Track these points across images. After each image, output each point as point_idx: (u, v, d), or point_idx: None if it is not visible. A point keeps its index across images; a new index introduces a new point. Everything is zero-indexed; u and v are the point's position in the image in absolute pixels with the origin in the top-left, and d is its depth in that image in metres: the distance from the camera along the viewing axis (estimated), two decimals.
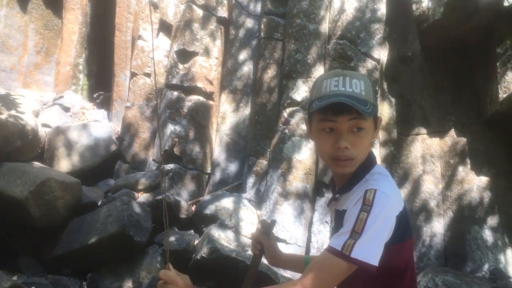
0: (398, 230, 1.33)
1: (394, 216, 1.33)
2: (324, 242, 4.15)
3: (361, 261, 1.27)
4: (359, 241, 1.28)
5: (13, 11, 7.62)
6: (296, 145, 4.51)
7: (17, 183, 4.06)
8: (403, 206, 1.37)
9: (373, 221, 1.29)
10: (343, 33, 4.55)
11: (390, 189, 1.36)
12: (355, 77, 1.36)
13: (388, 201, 1.32)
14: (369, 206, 1.30)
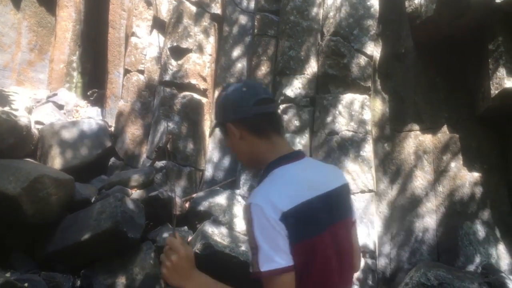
0: (291, 231, 1.34)
1: (278, 220, 1.33)
2: None
3: (273, 270, 1.31)
4: (260, 256, 1.32)
5: (6, 8, 7.59)
6: (290, 141, 4.52)
7: (10, 179, 4.04)
8: (288, 208, 1.36)
9: (259, 233, 1.33)
10: (336, 29, 4.56)
11: (264, 197, 1.38)
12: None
13: (262, 211, 1.34)
14: (251, 221, 1.35)
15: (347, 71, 4.45)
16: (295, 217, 1.36)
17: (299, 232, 1.36)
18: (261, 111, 1.53)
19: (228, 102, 1.59)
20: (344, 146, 4.30)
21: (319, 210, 1.43)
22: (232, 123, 1.55)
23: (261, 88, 1.59)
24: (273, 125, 1.56)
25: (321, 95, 4.55)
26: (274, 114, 1.58)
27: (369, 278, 3.94)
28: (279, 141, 1.56)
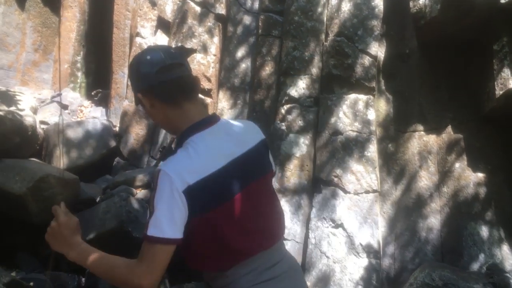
0: (193, 204, 1.39)
1: (181, 192, 1.38)
2: (321, 238, 4.17)
3: (156, 237, 1.36)
4: (152, 219, 1.38)
5: (11, 8, 7.62)
6: (294, 141, 4.53)
7: (16, 179, 4.07)
8: (195, 180, 1.40)
9: (159, 199, 1.38)
10: (340, 30, 4.57)
11: (174, 167, 1.41)
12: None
13: (169, 180, 1.38)
14: (155, 187, 1.40)
15: (351, 71, 4.46)
16: (201, 190, 1.40)
17: (203, 206, 1.41)
18: (167, 78, 1.50)
19: (133, 72, 1.60)
20: (348, 146, 4.30)
21: (229, 177, 1.47)
22: (141, 92, 1.55)
23: (167, 53, 1.55)
24: (182, 91, 1.53)
25: (325, 95, 4.56)
26: (183, 78, 1.54)
27: (373, 278, 3.95)
28: (191, 108, 1.55)
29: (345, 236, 4.10)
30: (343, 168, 4.26)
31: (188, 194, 1.39)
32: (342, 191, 4.23)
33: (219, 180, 1.45)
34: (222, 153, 1.49)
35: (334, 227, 4.16)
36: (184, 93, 1.54)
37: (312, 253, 4.19)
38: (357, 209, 4.15)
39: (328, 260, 4.07)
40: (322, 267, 4.08)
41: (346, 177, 4.23)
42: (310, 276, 4.12)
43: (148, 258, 1.42)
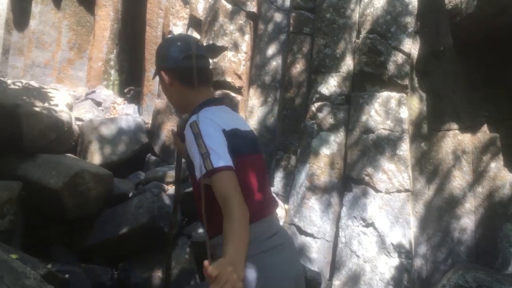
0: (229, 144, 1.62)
1: (220, 130, 1.63)
2: (351, 236, 4.14)
3: (224, 166, 1.53)
4: (212, 156, 1.54)
5: (48, 7, 7.83)
6: (324, 139, 4.51)
7: (52, 174, 4.18)
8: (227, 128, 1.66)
9: (208, 138, 1.57)
10: (373, 27, 4.51)
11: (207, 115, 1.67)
12: None
13: (208, 120, 1.63)
14: (198, 131, 1.59)
15: (383, 69, 4.40)
16: (233, 136, 1.66)
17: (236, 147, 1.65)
18: (190, 65, 1.76)
19: (162, 52, 1.85)
20: (380, 144, 4.25)
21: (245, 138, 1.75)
22: (164, 71, 1.83)
23: (195, 44, 1.82)
24: (200, 78, 1.80)
25: (357, 93, 4.52)
26: (203, 69, 1.82)
27: (405, 279, 3.90)
28: (204, 91, 1.83)
29: (376, 236, 4.06)
30: (375, 166, 4.22)
31: (226, 135, 1.63)
32: (373, 190, 4.19)
33: (244, 135, 1.74)
34: (236, 122, 1.77)
35: (365, 226, 4.12)
36: (201, 80, 1.81)
37: (342, 252, 4.17)
38: (389, 209, 4.10)
39: (358, 259, 4.04)
40: (352, 266, 4.05)
41: (378, 176, 4.18)
42: (340, 275, 4.10)
43: (227, 187, 1.53)
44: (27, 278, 2.85)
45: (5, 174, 4.26)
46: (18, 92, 4.65)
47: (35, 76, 7.63)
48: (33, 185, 4.15)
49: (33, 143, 4.34)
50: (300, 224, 4.36)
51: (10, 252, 3.54)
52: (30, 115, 4.33)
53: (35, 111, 4.39)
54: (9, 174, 4.24)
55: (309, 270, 3.83)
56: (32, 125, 4.31)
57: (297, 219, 4.40)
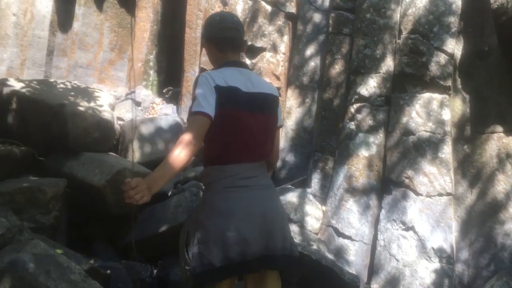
0: (219, 97, 2.04)
1: (213, 87, 2.06)
2: (391, 240, 4.09)
3: (198, 111, 1.99)
4: (195, 103, 2.03)
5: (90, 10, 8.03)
6: (363, 141, 4.46)
7: (96, 171, 4.29)
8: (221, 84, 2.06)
9: (200, 90, 2.04)
10: (414, 27, 4.43)
11: (209, 73, 2.13)
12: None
13: (206, 79, 2.07)
14: (196, 83, 2.08)
15: (425, 69, 4.32)
16: (223, 92, 2.05)
17: (223, 102, 2.03)
18: (224, 35, 2.22)
19: (206, 24, 2.35)
20: (421, 147, 4.18)
21: (241, 96, 2.10)
22: (205, 39, 2.32)
23: (230, 18, 2.29)
24: (231, 45, 2.24)
25: (397, 94, 4.45)
26: (234, 39, 2.25)
27: (445, 284, 3.82)
28: (231, 56, 2.25)
29: (416, 240, 3.99)
30: (415, 169, 4.15)
31: (217, 90, 2.05)
32: (414, 193, 4.12)
33: (237, 93, 2.10)
34: (240, 82, 2.14)
35: (405, 230, 4.05)
36: (230, 47, 2.25)
37: (381, 255, 4.12)
38: (430, 212, 4.02)
39: (397, 263, 3.98)
40: (391, 270, 4.00)
41: (418, 179, 4.11)
42: (379, 278, 4.05)
43: (190, 126, 2.02)
44: (73, 273, 2.94)
45: (51, 171, 4.40)
46: (64, 92, 4.80)
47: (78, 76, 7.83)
48: (77, 182, 4.26)
49: (77, 142, 4.47)
50: (338, 226, 4.33)
51: (55, 247, 3.66)
52: (75, 114, 4.45)
53: (80, 110, 4.52)
54: (55, 171, 4.37)
55: (347, 272, 3.80)
56: (77, 124, 4.43)
57: (335, 221, 4.37)
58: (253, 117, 2.11)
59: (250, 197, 2.08)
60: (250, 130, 2.09)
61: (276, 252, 2.05)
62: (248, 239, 1.99)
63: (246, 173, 2.09)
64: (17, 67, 7.92)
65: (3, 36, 8.05)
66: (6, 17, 8.04)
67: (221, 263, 1.96)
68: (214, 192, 2.11)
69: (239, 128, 2.08)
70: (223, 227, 1.99)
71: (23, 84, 4.60)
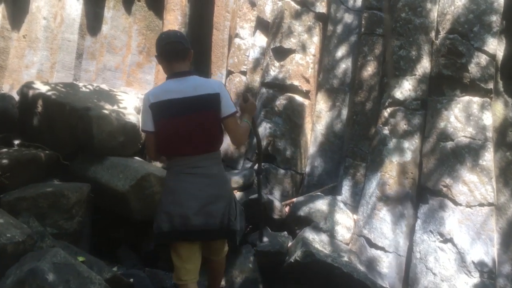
0: (153, 114, 2.59)
1: (147, 106, 2.61)
2: (427, 252, 3.85)
3: (142, 129, 2.69)
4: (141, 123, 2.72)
5: (119, 13, 8.03)
6: (398, 147, 4.24)
7: (120, 176, 4.21)
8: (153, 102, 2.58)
9: (142, 109, 2.68)
10: (453, 26, 4.18)
11: (148, 93, 2.67)
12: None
13: (145, 98, 2.64)
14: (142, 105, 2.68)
15: (464, 71, 4.07)
16: (154, 108, 2.58)
17: (155, 116, 2.59)
18: (167, 48, 2.63)
19: (155, 43, 2.74)
20: (460, 153, 3.93)
21: (167, 108, 2.56)
22: (156, 55, 2.73)
23: (173, 34, 2.71)
24: (174, 57, 2.63)
25: (434, 98, 4.21)
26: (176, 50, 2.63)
27: None
28: (176, 66, 2.65)
29: (455, 252, 3.74)
30: (454, 177, 3.90)
31: (151, 108, 2.60)
32: (452, 202, 3.87)
33: (166, 105, 2.57)
34: (173, 92, 2.58)
35: (443, 242, 3.81)
36: (175, 58, 2.64)
37: (417, 268, 3.88)
38: (469, 223, 3.76)
39: (435, 277, 3.74)
40: (427, 284, 3.76)
41: (457, 188, 3.86)
42: None
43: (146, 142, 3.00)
44: (93, 283, 2.84)
45: (76, 175, 4.35)
46: (89, 95, 4.75)
47: (106, 79, 7.83)
48: (101, 187, 4.20)
49: (102, 145, 4.40)
50: (370, 236, 4.11)
51: (78, 254, 3.58)
52: (100, 118, 4.39)
53: (105, 114, 4.45)
54: (80, 176, 4.32)
55: (380, 286, 3.59)
56: (101, 128, 4.36)
57: (367, 231, 4.16)
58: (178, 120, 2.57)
59: (195, 182, 2.60)
60: (171, 131, 2.59)
61: (215, 227, 2.60)
62: (188, 214, 2.56)
63: (193, 164, 2.60)
64: (47, 70, 7.98)
65: (33, 40, 8.13)
66: (37, 21, 8.11)
67: (168, 229, 2.60)
68: (169, 176, 2.72)
69: (167, 131, 2.60)
70: (170, 202, 2.62)
71: (49, 87, 4.56)
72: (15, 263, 2.93)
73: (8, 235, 3.04)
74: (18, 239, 3.05)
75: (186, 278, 2.70)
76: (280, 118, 5.05)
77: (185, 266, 2.68)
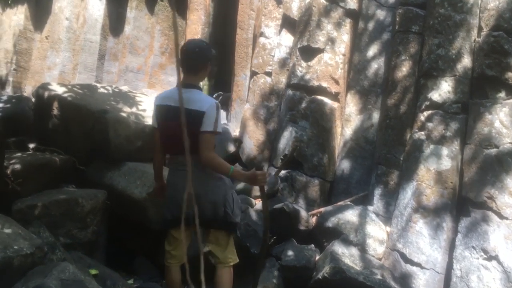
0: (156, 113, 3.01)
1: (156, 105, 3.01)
2: (469, 270, 3.50)
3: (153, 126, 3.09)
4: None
5: (141, 13, 7.87)
6: (435, 153, 3.91)
7: (137, 183, 4.01)
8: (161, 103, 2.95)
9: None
10: (498, 23, 3.83)
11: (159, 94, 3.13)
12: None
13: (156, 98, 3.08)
14: None
15: (510, 72, 3.71)
16: (157, 108, 2.96)
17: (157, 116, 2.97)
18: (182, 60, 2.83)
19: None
20: (505, 161, 3.57)
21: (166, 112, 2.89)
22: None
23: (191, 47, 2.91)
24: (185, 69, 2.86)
25: (477, 101, 3.86)
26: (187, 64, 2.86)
27: None
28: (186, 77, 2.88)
29: (500, 271, 3.39)
30: (499, 188, 3.54)
31: (156, 108, 2.99)
32: (497, 215, 3.52)
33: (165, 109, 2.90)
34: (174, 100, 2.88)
35: (486, 259, 3.46)
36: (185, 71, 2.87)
37: (457, 287, 3.54)
38: None
39: None
40: None
41: (503, 199, 3.51)
42: None
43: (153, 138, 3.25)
44: None
45: (92, 181, 4.17)
46: (106, 96, 4.55)
47: (128, 81, 7.69)
48: (118, 194, 4.01)
49: (119, 150, 4.19)
50: (405, 251, 3.79)
51: (91, 266, 3.38)
52: (117, 121, 4.18)
53: (122, 116, 4.24)
54: (96, 182, 4.14)
55: None
56: (118, 132, 4.15)
57: (401, 245, 3.84)
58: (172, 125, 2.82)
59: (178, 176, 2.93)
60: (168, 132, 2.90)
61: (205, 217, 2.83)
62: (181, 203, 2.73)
63: (177, 162, 2.96)
64: (69, 72, 7.87)
65: (56, 41, 8.04)
66: (59, 22, 8.02)
67: (171, 217, 2.97)
68: (169, 172, 3.09)
69: (164, 132, 2.94)
70: (169, 194, 3.04)
71: (65, 89, 4.38)
72: (22, 278, 2.72)
73: (15, 247, 2.83)
74: (26, 252, 2.84)
75: (170, 262, 3.05)
76: (307, 122, 4.75)
77: (171, 251, 3.03)
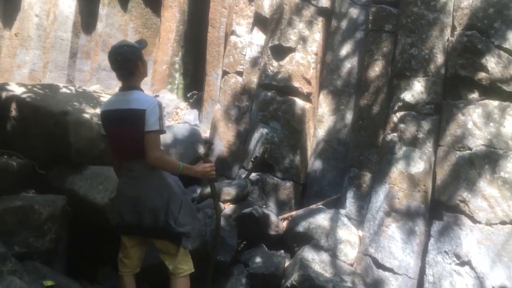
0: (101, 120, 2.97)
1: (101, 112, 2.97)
2: (442, 276, 3.42)
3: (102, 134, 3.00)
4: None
5: (114, 10, 7.67)
6: (408, 155, 3.82)
7: (99, 188, 3.86)
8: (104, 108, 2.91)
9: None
10: (471, 22, 3.75)
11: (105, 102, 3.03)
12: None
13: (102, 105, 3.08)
14: None
15: (484, 72, 3.64)
16: (102, 115, 2.93)
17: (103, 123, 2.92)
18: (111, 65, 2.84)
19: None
20: (478, 164, 3.50)
21: (108, 116, 2.85)
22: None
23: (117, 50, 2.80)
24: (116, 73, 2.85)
25: (450, 101, 3.78)
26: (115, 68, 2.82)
27: None
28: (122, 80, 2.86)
29: (473, 277, 3.33)
30: (472, 191, 3.47)
31: (101, 114, 2.95)
32: (470, 219, 3.45)
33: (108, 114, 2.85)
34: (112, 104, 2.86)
35: (459, 265, 3.39)
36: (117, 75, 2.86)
37: None
38: (490, 244, 3.34)
39: None
40: None
41: (476, 203, 3.43)
42: None
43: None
44: None
45: (53, 186, 4.00)
46: (69, 97, 4.36)
47: (101, 79, 7.50)
48: (79, 200, 3.85)
49: (81, 154, 4.01)
50: (377, 255, 3.69)
51: (47, 277, 3.23)
52: (78, 123, 4.00)
53: (85, 118, 4.05)
54: (57, 187, 3.97)
55: None
56: (80, 134, 3.97)
57: (373, 250, 3.74)
58: (115, 129, 2.81)
59: (127, 184, 2.86)
60: (113, 138, 2.86)
61: (148, 226, 2.81)
62: (122, 212, 2.89)
63: (129, 167, 2.85)
64: (40, 70, 7.63)
65: (25, 38, 7.77)
66: (29, 18, 7.75)
67: (117, 224, 2.96)
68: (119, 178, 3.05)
69: (111, 137, 2.89)
70: (117, 200, 2.99)
71: (24, 89, 4.18)
72: None
73: None
74: None
75: (122, 270, 3.03)
76: (278, 123, 4.63)
77: (123, 259, 3.03)
